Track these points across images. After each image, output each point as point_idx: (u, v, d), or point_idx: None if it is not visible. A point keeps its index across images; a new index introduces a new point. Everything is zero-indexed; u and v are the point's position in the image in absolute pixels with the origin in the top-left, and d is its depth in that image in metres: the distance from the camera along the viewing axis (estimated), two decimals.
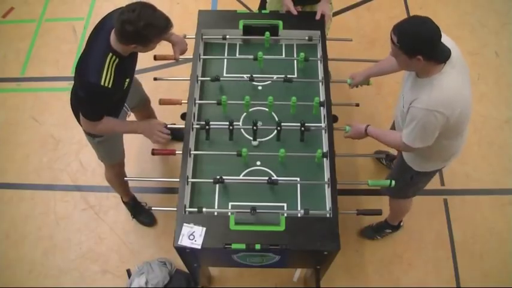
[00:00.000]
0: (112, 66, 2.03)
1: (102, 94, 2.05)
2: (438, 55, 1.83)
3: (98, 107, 2.14)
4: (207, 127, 2.27)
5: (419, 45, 1.80)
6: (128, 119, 2.62)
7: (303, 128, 2.27)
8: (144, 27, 1.89)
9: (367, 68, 2.44)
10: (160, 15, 1.97)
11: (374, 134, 2.22)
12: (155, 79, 2.59)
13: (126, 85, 2.19)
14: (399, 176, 2.35)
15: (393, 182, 2.17)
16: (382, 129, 2.24)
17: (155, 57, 2.58)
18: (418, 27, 1.80)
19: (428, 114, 1.86)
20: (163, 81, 2.57)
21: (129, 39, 1.95)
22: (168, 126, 2.26)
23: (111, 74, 2.02)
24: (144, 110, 2.89)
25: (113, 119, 2.26)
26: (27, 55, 3.80)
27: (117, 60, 2.05)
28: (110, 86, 2.02)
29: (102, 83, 2.00)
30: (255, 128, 2.25)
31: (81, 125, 2.38)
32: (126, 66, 2.13)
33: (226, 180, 2.14)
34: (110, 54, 2.03)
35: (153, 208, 2.26)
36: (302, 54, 2.50)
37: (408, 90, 2.00)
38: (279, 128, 2.26)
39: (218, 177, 2.13)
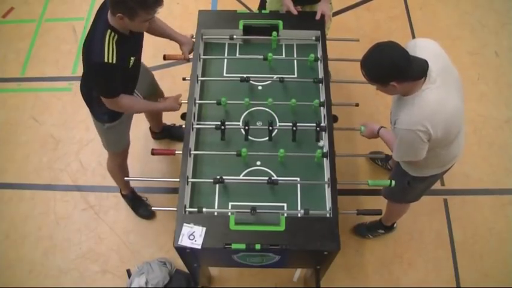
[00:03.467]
0: (112, 42, 2.04)
1: (110, 71, 2.07)
2: (410, 75, 1.81)
3: (112, 84, 2.15)
4: (222, 127, 2.28)
5: (385, 74, 1.81)
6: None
7: (294, 128, 2.28)
8: None
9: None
10: None
11: (384, 137, 2.23)
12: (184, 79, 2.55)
13: (131, 64, 2.20)
14: (397, 181, 2.33)
15: (393, 182, 2.17)
16: (392, 135, 2.20)
17: (164, 57, 2.59)
18: (378, 57, 1.82)
19: (410, 133, 1.87)
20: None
21: (115, 6, 1.95)
22: (181, 102, 2.39)
23: (112, 50, 2.03)
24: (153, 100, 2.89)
25: (136, 97, 2.35)
26: (27, 55, 3.80)
27: (116, 36, 2.06)
28: (114, 61, 2.03)
29: (106, 60, 2.02)
30: (270, 128, 2.29)
31: (92, 113, 2.42)
32: (129, 45, 2.14)
33: (226, 180, 2.14)
34: (109, 30, 2.05)
35: (153, 208, 2.26)
36: (312, 55, 2.50)
37: (394, 107, 2.02)
38: (294, 128, 2.28)
39: (218, 177, 2.13)
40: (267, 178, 2.14)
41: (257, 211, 2.03)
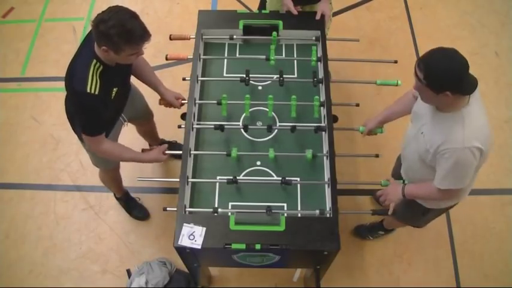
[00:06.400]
0: (96, 73, 1.98)
1: (91, 103, 1.99)
2: (466, 88, 1.71)
3: (95, 118, 2.08)
4: (222, 127, 2.28)
5: (448, 81, 1.67)
6: (125, 128, 2.59)
7: (294, 128, 2.28)
8: (112, 27, 1.82)
9: (379, 114, 2.33)
10: (138, 24, 1.88)
11: (413, 192, 2.07)
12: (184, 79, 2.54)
13: (113, 95, 2.12)
14: (409, 211, 2.28)
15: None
16: (415, 185, 2.08)
17: (167, 57, 2.57)
18: (446, 62, 1.67)
19: (465, 152, 1.73)
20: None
21: (100, 39, 1.88)
22: (166, 152, 2.28)
23: (96, 81, 1.97)
24: (146, 123, 2.87)
25: (119, 145, 2.25)
26: (27, 55, 3.80)
27: (101, 67, 1.99)
28: (96, 92, 1.96)
29: (88, 90, 1.95)
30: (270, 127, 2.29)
31: (76, 133, 2.33)
32: (112, 76, 2.07)
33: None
34: (94, 60, 1.98)
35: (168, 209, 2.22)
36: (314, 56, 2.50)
37: (430, 127, 1.87)
38: (294, 128, 2.28)
39: (219, 177, 2.14)
40: (266, 178, 2.15)
41: (258, 211, 2.03)
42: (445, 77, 1.67)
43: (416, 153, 1.98)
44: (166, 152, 2.28)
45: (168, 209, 2.17)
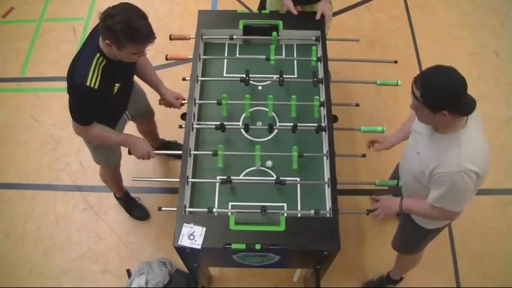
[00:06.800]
0: (99, 67, 1.99)
1: (89, 95, 2.01)
2: (464, 108, 1.66)
3: (87, 110, 2.10)
4: (222, 127, 2.28)
5: (445, 99, 1.63)
6: (126, 126, 2.60)
7: (294, 128, 2.28)
8: (119, 22, 1.84)
9: (392, 136, 2.29)
10: (145, 24, 1.89)
11: (409, 207, 2.03)
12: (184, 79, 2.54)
13: (116, 90, 2.13)
14: (410, 236, 2.26)
15: (400, 182, 2.13)
16: (413, 200, 2.03)
17: (167, 57, 2.58)
18: (443, 79, 1.63)
19: (461, 175, 1.70)
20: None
21: (105, 32, 1.90)
22: (154, 152, 2.33)
23: (97, 75, 1.98)
24: (146, 122, 2.87)
25: (108, 128, 2.24)
26: (27, 55, 3.80)
27: (104, 61, 2.01)
28: (96, 86, 1.98)
29: (88, 83, 1.96)
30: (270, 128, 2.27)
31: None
32: (115, 71, 2.08)
33: (233, 181, 2.13)
34: (98, 54, 2.00)
35: (163, 208, 2.23)
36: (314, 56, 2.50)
37: (426, 148, 1.83)
38: (294, 128, 2.28)
39: (219, 177, 2.13)
40: (267, 178, 2.15)
41: (258, 211, 2.03)
42: (442, 94, 1.63)
43: (411, 172, 1.95)
44: (156, 151, 2.33)
45: (163, 208, 2.18)
